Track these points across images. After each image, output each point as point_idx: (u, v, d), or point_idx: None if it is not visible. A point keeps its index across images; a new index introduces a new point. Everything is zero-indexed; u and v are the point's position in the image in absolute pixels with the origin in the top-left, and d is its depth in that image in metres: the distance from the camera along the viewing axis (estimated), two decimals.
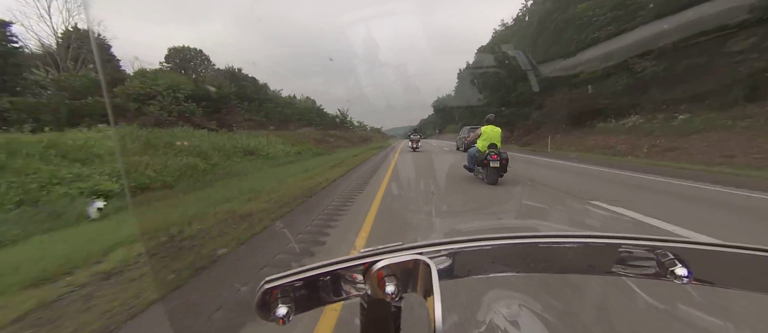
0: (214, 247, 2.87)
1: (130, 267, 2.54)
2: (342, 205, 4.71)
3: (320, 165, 10.97)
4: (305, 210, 4.51)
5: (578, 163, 10.31)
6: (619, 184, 6.31)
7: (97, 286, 2.23)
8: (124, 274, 2.43)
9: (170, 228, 3.32)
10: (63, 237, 3.67)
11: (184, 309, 1.96)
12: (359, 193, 5.59)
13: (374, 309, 0.40)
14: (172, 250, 2.82)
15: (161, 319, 1.88)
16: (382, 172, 8.66)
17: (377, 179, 7.33)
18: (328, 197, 5.36)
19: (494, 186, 5.91)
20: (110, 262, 2.59)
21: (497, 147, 6.24)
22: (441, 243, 0.41)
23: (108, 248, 2.90)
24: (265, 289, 0.34)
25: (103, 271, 2.45)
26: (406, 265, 0.37)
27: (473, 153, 6.63)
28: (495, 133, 6.44)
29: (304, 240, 3.18)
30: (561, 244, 0.43)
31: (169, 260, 2.63)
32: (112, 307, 1.91)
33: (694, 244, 0.40)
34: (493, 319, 0.70)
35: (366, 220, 3.81)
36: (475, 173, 6.75)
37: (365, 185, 6.53)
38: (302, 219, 3.99)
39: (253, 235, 3.29)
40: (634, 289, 1.70)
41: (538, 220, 3.67)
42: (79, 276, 2.38)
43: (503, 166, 6.04)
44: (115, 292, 2.11)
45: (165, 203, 5.71)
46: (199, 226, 3.53)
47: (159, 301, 2.02)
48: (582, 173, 8.00)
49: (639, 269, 0.42)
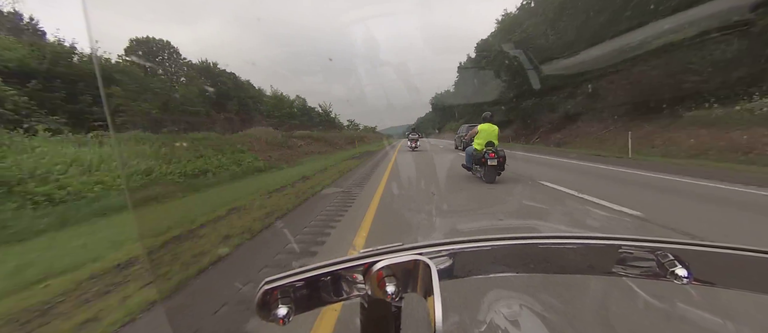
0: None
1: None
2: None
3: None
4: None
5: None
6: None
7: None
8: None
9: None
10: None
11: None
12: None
13: (374, 309, 0.40)
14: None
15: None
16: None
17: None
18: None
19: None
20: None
21: (494, 145, 6.25)
22: (441, 243, 0.41)
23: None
24: (265, 290, 0.34)
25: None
26: (406, 265, 0.37)
27: (471, 151, 6.63)
28: (492, 131, 6.43)
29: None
30: (561, 244, 0.43)
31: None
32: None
33: (694, 245, 0.40)
34: (493, 319, 0.70)
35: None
36: (473, 172, 6.75)
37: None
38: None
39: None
40: (635, 289, 1.70)
41: (538, 221, 3.67)
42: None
43: (501, 164, 6.04)
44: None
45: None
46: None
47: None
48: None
49: (639, 270, 0.42)
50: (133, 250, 3.27)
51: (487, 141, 6.31)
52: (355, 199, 5.25)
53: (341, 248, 3.06)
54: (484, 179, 6.18)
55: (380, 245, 0.40)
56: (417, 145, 17.99)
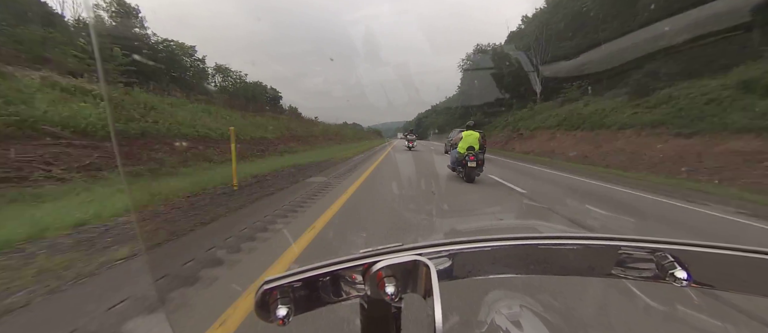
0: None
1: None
2: None
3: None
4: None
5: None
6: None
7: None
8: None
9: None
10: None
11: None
12: None
13: (374, 309, 0.40)
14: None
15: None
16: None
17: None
18: None
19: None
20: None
21: (475, 149, 7.07)
22: (441, 244, 0.41)
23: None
24: (265, 290, 0.34)
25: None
26: (405, 265, 0.37)
27: (455, 154, 7.48)
28: (473, 137, 7.28)
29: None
30: (561, 245, 0.43)
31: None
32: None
33: (694, 247, 0.40)
34: (493, 320, 0.70)
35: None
36: (457, 172, 7.57)
37: None
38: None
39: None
40: (634, 291, 1.70)
41: (538, 221, 3.67)
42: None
43: (479, 165, 6.95)
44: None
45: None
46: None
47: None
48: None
49: (639, 271, 0.42)
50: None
51: (468, 146, 7.11)
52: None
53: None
54: (464, 179, 7.03)
55: (379, 246, 0.40)
56: (413, 145, 20.53)
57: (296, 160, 10.90)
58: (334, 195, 5.18)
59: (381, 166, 10.27)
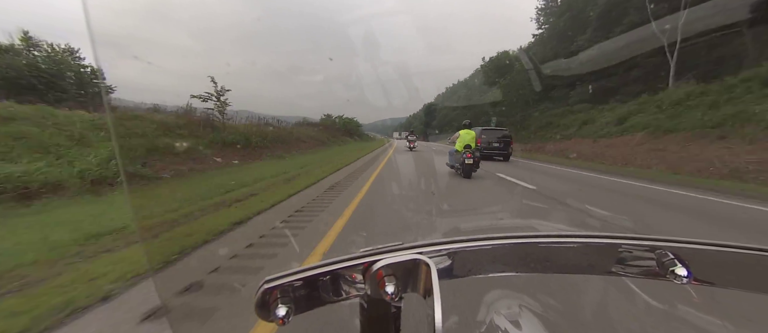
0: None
1: None
2: None
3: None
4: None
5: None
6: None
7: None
8: None
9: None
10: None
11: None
12: None
13: (374, 309, 0.40)
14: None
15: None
16: None
17: None
18: None
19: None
20: None
21: (471, 147, 7.43)
22: (441, 243, 0.41)
23: None
24: (265, 289, 0.34)
25: None
26: (405, 264, 0.37)
27: (453, 152, 7.92)
28: (470, 136, 7.61)
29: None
30: (561, 243, 0.43)
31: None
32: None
33: (694, 244, 0.40)
34: (493, 319, 0.70)
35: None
36: (455, 169, 7.93)
37: None
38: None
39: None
40: (634, 289, 1.70)
41: (538, 220, 3.67)
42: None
43: (476, 163, 7.31)
44: None
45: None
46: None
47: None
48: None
49: (639, 269, 0.42)
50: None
51: (465, 144, 7.45)
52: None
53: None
54: (461, 175, 7.40)
55: (379, 245, 0.40)
56: (414, 146, 21.16)
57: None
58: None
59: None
